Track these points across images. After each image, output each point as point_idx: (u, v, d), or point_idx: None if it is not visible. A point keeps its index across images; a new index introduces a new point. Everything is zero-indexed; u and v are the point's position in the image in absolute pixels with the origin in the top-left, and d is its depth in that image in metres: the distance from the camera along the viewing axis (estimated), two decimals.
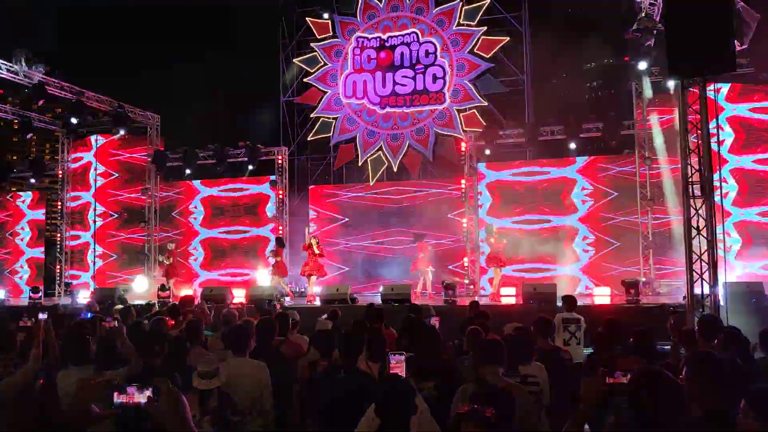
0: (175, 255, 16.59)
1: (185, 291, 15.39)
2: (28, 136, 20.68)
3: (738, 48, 9.83)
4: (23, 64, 15.80)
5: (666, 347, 6.37)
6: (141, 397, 2.09)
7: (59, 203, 20.62)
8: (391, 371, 3.48)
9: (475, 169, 16.76)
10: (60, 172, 20.38)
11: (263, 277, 16.48)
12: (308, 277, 15.13)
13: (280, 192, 18.29)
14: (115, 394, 2.12)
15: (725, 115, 14.61)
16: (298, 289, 17.57)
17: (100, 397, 2.12)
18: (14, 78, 15.99)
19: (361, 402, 3.58)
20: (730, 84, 14.43)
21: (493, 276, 14.63)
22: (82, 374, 4.15)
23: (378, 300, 13.27)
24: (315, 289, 15.06)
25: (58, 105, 19.50)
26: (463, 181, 16.93)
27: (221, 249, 19.27)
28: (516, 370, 4.52)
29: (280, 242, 16.43)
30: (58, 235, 20.51)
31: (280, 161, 18.45)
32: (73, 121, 17.32)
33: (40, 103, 16.42)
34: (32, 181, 20.90)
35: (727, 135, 14.58)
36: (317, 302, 14.16)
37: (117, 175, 19.86)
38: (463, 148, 17.10)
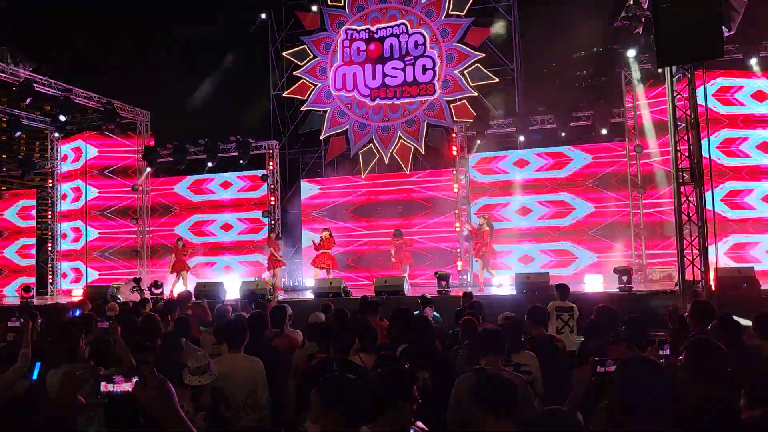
0: (182, 250, 16.00)
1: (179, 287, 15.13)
2: (17, 134, 20.43)
3: (726, 34, 9.84)
4: (9, 61, 15.61)
5: (658, 335, 6.38)
6: (128, 385, 2.07)
7: (50, 201, 20.47)
8: None
9: (467, 159, 16.72)
10: (50, 169, 20.23)
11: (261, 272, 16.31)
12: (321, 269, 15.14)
13: (272, 186, 18.17)
14: (102, 383, 2.11)
15: None
16: (291, 283, 17.49)
17: (87, 387, 2.10)
18: (0, 76, 15.81)
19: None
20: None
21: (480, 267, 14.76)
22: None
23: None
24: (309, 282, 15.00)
25: (47, 102, 19.29)
26: (454, 172, 16.88)
27: (216, 244, 19.15)
28: (509, 359, 4.54)
29: (277, 235, 16.27)
30: (50, 233, 20.36)
31: (270, 155, 18.31)
32: (62, 118, 17.15)
33: (28, 101, 16.20)
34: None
35: None
36: (310, 295, 14.08)
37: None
38: (454, 139, 17.02)
